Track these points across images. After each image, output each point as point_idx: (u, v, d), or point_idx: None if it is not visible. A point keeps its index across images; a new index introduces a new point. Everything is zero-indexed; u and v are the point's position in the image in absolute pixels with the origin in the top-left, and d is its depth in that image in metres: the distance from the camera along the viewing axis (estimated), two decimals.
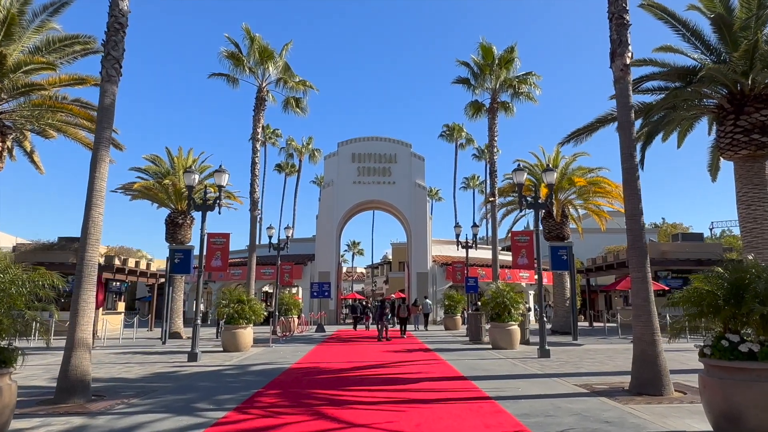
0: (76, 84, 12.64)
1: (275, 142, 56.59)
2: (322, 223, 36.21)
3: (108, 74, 8.89)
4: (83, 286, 8.23)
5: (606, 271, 27.92)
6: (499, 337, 16.23)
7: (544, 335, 13.85)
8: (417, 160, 37.60)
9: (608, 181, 22.49)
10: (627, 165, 8.87)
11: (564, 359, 13.32)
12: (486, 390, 8.64)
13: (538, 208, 14.43)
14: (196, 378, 10.45)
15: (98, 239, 8.56)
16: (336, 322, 35.04)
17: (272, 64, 20.12)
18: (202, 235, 14.06)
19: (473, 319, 19.92)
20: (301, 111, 21.95)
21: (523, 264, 14.24)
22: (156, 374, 11.02)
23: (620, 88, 9.12)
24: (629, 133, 8.94)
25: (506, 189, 23.64)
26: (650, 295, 8.54)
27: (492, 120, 20.56)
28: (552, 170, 14.39)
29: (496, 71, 20.17)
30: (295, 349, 16.45)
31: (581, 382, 9.42)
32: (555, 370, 11.28)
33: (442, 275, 35.85)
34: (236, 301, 16.14)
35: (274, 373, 11.09)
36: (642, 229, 8.73)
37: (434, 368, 11.70)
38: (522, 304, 16.46)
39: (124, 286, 28.20)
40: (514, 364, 12.34)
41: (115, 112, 9.03)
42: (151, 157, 23.08)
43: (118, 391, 8.78)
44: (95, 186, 8.57)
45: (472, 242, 25.13)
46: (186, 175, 14.18)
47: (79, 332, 8.08)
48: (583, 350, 15.83)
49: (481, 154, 56.29)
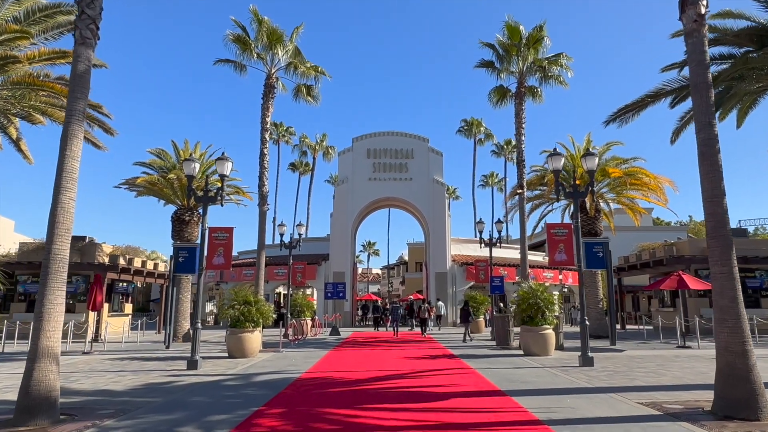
0: (58, 58, 11.42)
1: (288, 140, 55.52)
2: (336, 222, 34.83)
3: (82, 36, 7.57)
4: (50, 285, 6.90)
5: (640, 270, 26.00)
6: (531, 342, 14.61)
7: (586, 341, 12.22)
8: (435, 155, 36.02)
9: (645, 172, 20.68)
10: (704, 135, 7.25)
11: (610, 368, 11.69)
12: (532, 410, 7.10)
13: (577, 198, 12.80)
14: (191, 391, 9.08)
15: (69, 229, 7.23)
16: (351, 324, 33.63)
17: (281, 47, 18.74)
18: (202, 230, 12.74)
19: (500, 322, 18.29)
20: (313, 99, 20.53)
21: (562, 260, 12.62)
22: (147, 385, 9.69)
23: (693, 43, 7.50)
24: (706, 96, 7.31)
25: (534, 181, 21.96)
26: (738, 294, 6.92)
27: (519, 105, 18.89)
28: (593, 154, 12.73)
29: (523, 52, 18.49)
30: (306, 355, 15.05)
31: (645, 399, 7.82)
32: (605, 382, 9.68)
33: (462, 275, 34.20)
34: (243, 302, 14.81)
35: (281, 385, 9.68)
36: (725, 213, 7.11)
37: (464, 379, 10.16)
38: (557, 306, 14.81)
39: (132, 287, 27.14)
40: (555, 375, 10.75)
41: (90, 81, 7.70)
42: (156, 151, 21.92)
43: (94, 408, 7.44)
44: (66, 166, 7.24)
45: (497, 240, 23.44)
46: (185, 164, 12.88)
47: (44, 340, 6.75)
48: (627, 357, 14.13)
49: (500, 151, 54.39)
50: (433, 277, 33.95)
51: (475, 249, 38.58)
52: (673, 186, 20.68)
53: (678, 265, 22.74)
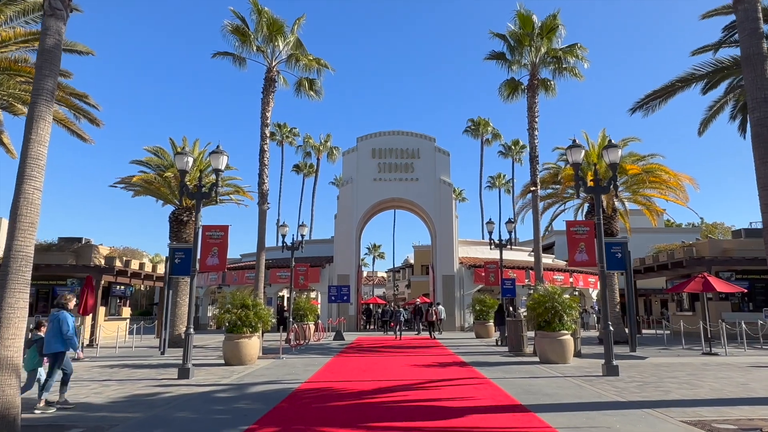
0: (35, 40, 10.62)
1: (292, 141, 54.75)
2: (340, 223, 33.95)
3: (51, 6, 6.75)
4: (10, 287, 6.04)
5: (657, 272, 24.91)
6: (548, 348, 13.63)
7: (610, 348, 11.24)
8: (442, 155, 35.10)
9: (665, 169, 19.68)
10: (760, 114, 6.31)
11: (638, 378, 10.70)
12: (562, 431, 6.16)
13: (599, 193, 11.84)
14: (177, 404, 8.20)
15: (34, 223, 6.37)
16: (356, 328, 32.68)
17: (282, 39, 17.90)
18: (195, 229, 11.89)
19: (513, 327, 17.33)
20: (315, 94, 19.68)
21: (583, 261, 11.65)
22: (130, 397, 8.82)
23: (745, 9, 6.58)
24: (761, 69, 6.37)
25: (546, 179, 20.99)
26: None
27: (532, 99, 17.94)
28: (615, 146, 11.80)
29: (536, 42, 17.56)
30: (308, 362, 14.14)
31: (689, 417, 6.86)
32: (637, 395, 8.70)
33: (469, 278, 33.18)
34: (240, 305, 13.92)
35: (277, 397, 8.78)
36: None
37: (479, 391, 9.21)
38: (576, 310, 13.84)
39: (130, 290, 26.37)
40: (579, 386, 9.78)
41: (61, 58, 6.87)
42: (154, 149, 21.12)
43: (64, 426, 6.57)
44: (31, 152, 6.40)
45: (507, 241, 22.47)
46: (177, 158, 12.05)
47: (2, 350, 5.89)
48: (652, 365, 13.12)
49: (507, 151, 53.37)
50: (440, 279, 32.98)
51: (483, 251, 37.58)
52: (693, 184, 19.68)
53: (698, 267, 21.68)
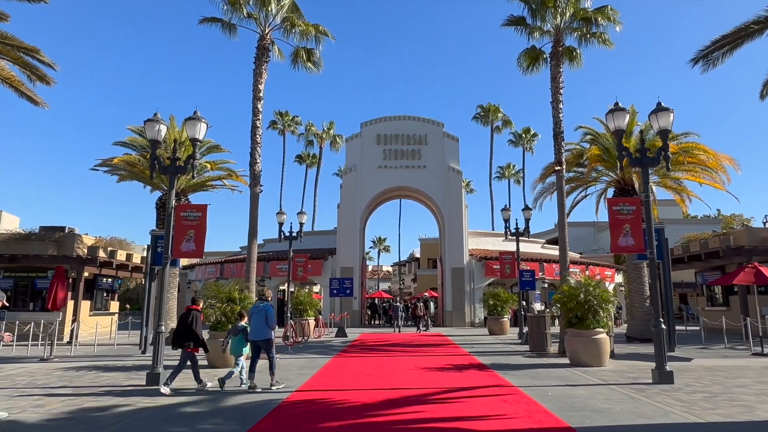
0: None
1: (294, 129, 52.83)
2: (343, 213, 32.09)
3: None
4: None
5: (687, 263, 22.92)
6: (581, 348, 11.75)
7: (663, 350, 9.34)
8: (450, 141, 33.11)
9: (704, 147, 17.66)
10: None
11: (698, 387, 8.83)
12: None
13: (646, 165, 9.91)
14: (128, 423, 6.42)
15: None
16: (360, 324, 30.89)
17: (276, 3, 16.02)
18: (168, 209, 10.11)
19: (535, 324, 15.47)
20: (314, 66, 17.74)
21: (628, 246, 9.71)
22: (75, 413, 7.04)
23: None
24: None
25: (570, 161, 19.02)
26: None
27: (556, 68, 15.93)
28: (666, 109, 9.85)
29: (561, 4, 15.59)
30: (303, 364, 12.36)
31: None
32: (713, 412, 6.84)
33: (480, 271, 31.26)
34: (226, 299, 12.16)
35: (258, 412, 6.98)
36: None
37: (511, 406, 7.36)
38: (613, 304, 11.95)
39: (118, 282, 24.70)
40: (633, 398, 7.91)
41: None
42: (138, 129, 19.28)
43: None
44: None
45: (524, 230, 20.57)
46: (148, 126, 10.25)
47: None
48: (704, 369, 11.22)
49: (518, 140, 51.18)
50: (449, 273, 31.09)
51: (494, 242, 35.64)
52: (734, 165, 17.67)
53: (736, 258, 19.71)
